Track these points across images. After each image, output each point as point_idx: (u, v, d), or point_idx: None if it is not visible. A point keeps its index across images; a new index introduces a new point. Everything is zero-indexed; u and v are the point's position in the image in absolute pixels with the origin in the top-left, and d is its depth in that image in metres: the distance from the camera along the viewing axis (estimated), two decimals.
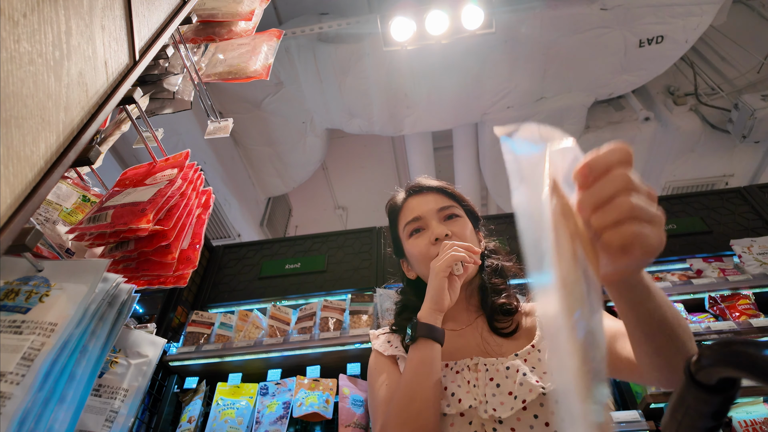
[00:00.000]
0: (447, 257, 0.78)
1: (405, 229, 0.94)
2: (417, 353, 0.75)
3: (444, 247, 0.82)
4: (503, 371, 0.76)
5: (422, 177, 1.01)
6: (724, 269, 1.99)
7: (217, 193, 3.83)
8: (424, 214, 0.92)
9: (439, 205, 0.92)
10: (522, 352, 0.79)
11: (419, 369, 0.73)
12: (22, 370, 0.46)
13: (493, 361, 0.78)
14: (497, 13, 2.93)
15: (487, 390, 0.74)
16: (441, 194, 0.95)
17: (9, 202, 0.46)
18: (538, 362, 0.77)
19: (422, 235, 0.90)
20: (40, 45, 0.50)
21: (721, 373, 0.34)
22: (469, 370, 0.79)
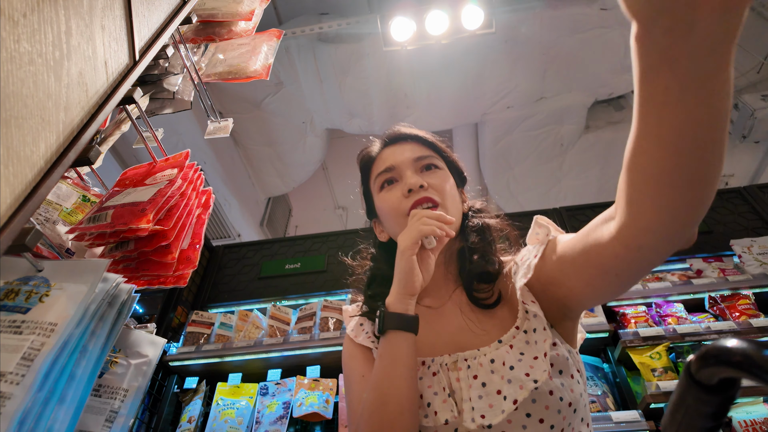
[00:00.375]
0: (413, 232, 0.67)
1: (376, 181, 0.82)
2: (387, 348, 0.66)
3: (411, 218, 0.70)
4: (487, 366, 0.65)
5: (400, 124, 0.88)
6: (724, 269, 1.99)
7: (217, 193, 3.83)
8: (397, 164, 0.80)
9: (416, 155, 0.81)
10: (506, 337, 0.68)
11: (390, 368, 0.64)
12: (22, 370, 0.46)
13: (475, 354, 0.67)
14: (497, 13, 2.93)
15: (472, 393, 0.64)
16: (420, 143, 0.83)
17: (9, 202, 0.46)
18: (525, 346, 0.65)
19: (394, 188, 0.79)
20: (40, 45, 0.50)
21: (721, 374, 0.34)
22: (448, 370, 0.68)
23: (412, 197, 0.75)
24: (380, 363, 0.66)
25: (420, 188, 0.75)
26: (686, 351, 1.72)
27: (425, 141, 0.84)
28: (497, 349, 0.67)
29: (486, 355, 0.67)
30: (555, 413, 0.61)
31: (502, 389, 0.62)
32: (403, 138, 0.85)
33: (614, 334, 1.83)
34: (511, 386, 0.62)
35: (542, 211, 2.41)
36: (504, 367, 0.64)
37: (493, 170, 4.15)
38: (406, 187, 0.76)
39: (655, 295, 1.93)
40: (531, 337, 0.66)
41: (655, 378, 1.67)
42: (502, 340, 0.68)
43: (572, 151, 4.00)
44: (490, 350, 0.67)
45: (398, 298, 0.69)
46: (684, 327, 1.77)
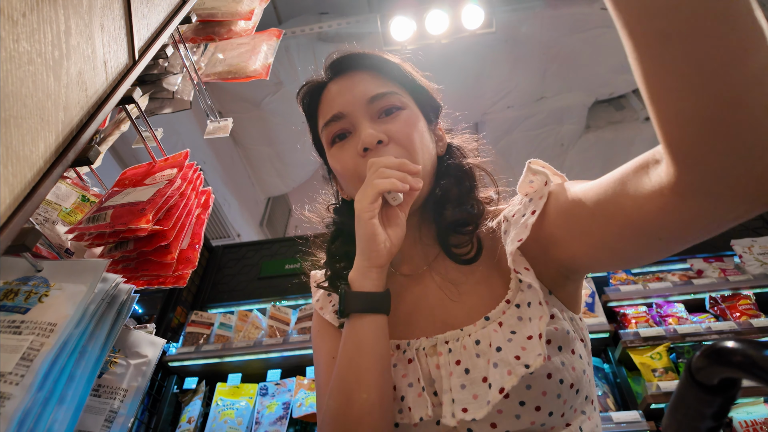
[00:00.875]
0: (369, 189, 0.54)
1: (323, 133, 0.66)
2: (351, 335, 0.55)
3: (369, 173, 0.56)
4: (472, 348, 0.55)
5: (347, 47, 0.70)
6: (724, 269, 1.99)
7: (217, 193, 3.83)
8: (347, 110, 0.63)
9: (370, 93, 0.63)
10: (495, 312, 0.56)
11: (356, 358, 0.53)
12: (21, 371, 0.46)
13: (458, 335, 0.56)
14: (497, 13, 2.93)
15: (453, 382, 0.54)
16: (375, 73, 0.66)
17: (8, 202, 0.46)
18: (518, 323, 0.54)
19: (347, 143, 0.63)
20: (40, 44, 0.50)
21: (721, 374, 0.34)
22: (426, 355, 0.58)
23: (369, 156, 0.60)
24: (343, 352, 0.55)
25: (378, 144, 0.60)
26: (687, 351, 1.72)
27: (380, 67, 0.66)
28: (483, 328, 0.56)
29: (471, 335, 0.56)
30: (554, 398, 0.52)
31: (489, 376, 0.52)
32: (349, 65, 0.67)
33: (615, 335, 1.83)
34: (497, 371, 0.52)
35: None
36: (491, 349, 0.54)
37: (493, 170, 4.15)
38: (361, 145, 0.60)
39: (655, 296, 1.93)
40: (524, 312, 0.55)
41: (656, 378, 1.67)
42: (490, 317, 0.56)
43: (573, 150, 4.00)
44: (475, 329, 0.56)
45: (362, 272, 0.56)
46: (684, 327, 1.77)
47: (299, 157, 4.11)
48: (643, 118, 3.87)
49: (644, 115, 3.86)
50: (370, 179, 0.55)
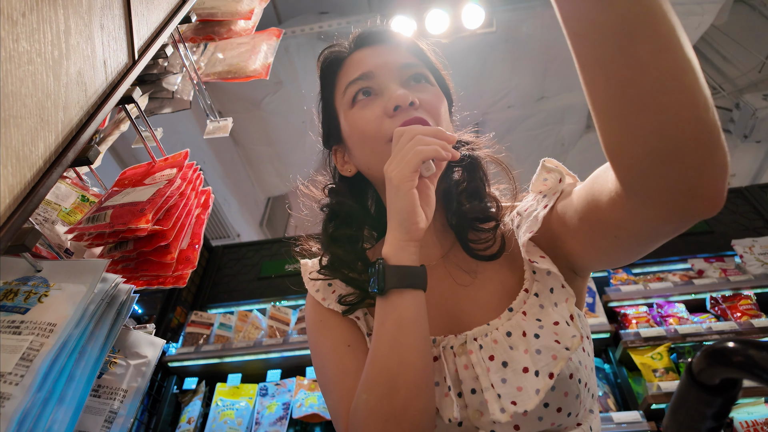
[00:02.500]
0: (411, 156, 0.50)
1: (346, 92, 0.62)
2: (392, 313, 0.50)
3: (402, 140, 0.52)
4: (504, 341, 0.53)
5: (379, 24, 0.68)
6: (725, 269, 1.99)
7: (217, 193, 3.83)
8: (377, 70, 0.60)
9: (404, 60, 0.62)
10: (516, 303, 0.55)
11: (398, 338, 0.49)
12: (21, 371, 0.46)
13: (486, 331, 0.54)
14: (498, 13, 2.93)
15: (493, 377, 0.51)
16: (406, 50, 0.65)
17: (8, 202, 0.46)
18: (540, 311, 0.54)
19: (372, 102, 0.60)
20: (39, 44, 0.50)
21: (722, 374, 0.34)
22: (455, 355, 0.55)
23: (398, 117, 0.57)
24: (382, 333, 0.50)
25: (410, 106, 0.57)
26: (687, 351, 1.72)
27: (409, 46, 0.65)
28: (510, 320, 0.54)
29: (499, 329, 0.54)
30: (573, 399, 0.51)
31: (530, 365, 0.50)
32: (380, 38, 0.64)
33: (615, 335, 1.83)
34: (541, 357, 0.50)
35: None
36: (526, 338, 0.52)
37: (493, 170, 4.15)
38: (392, 102, 0.57)
39: (656, 296, 1.93)
40: (545, 300, 0.55)
41: (657, 378, 1.67)
42: (513, 308, 0.55)
43: (573, 150, 4.00)
44: (501, 322, 0.54)
45: (400, 246, 0.52)
46: (685, 327, 1.76)
47: (299, 157, 4.11)
48: None
49: None
50: (411, 146, 0.51)
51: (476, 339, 0.55)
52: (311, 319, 0.65)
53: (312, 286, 0.68)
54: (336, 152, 0.69)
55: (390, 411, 0.47)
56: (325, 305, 0.64)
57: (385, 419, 0.47)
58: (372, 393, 0.49)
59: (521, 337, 0.52)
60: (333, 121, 0.68)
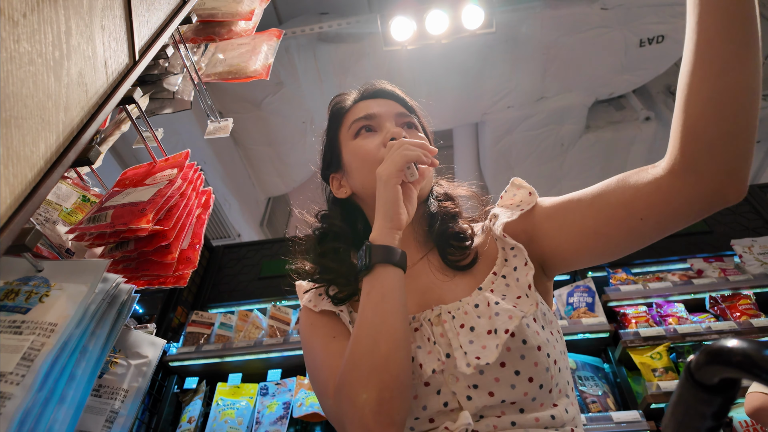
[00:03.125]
0: (397, 157, 0.62)
1: (351, 128, 0.77)
2: (376, 284, 0.59)
3: (392, 148, 0.65)
4: (473, 312, 0.62)
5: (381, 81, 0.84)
6: (724, 269, 1.99)
7: (217, 193, 3.83)
8: (380, 113, 0.76)
9: (399, 110, 0.78)
10: (485, 282, 0.66)
11: (381, 304, 0.58)
12: (22, 371, 0.46)
13: (458, 305, 0.64)
14: (497, 13, 2.93)
15: (462, 339, 0.60)
16: (400, 104, 0.81)
17: (9, 203, 0.46)
18: (506, 288, 0.64)
19: (373, 136, 0.74)
20: (40, 45, 0.50)
21: (721, 374, 0.34)
22: (431, 324, 0.64)
23: None
24: (368, 301, 0.59)
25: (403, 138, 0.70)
26: (687, 351, 1.72)
27: (406, 104, 0.81)
28: (479, 296, 0.64)
29: (469, 303, 0.64)
30: (543, 371, 0.58)
31: (492, 328, 0.59)
32: (383, 94, 0.81)
33: (615, 334, 1.83)
34: (499, 318, 0.59)
35: None
36: (489, 307, 0.61)
37: (493, 170, 4.15)
38: (389, 135, 0.71)
39: (655, 295, 1.93)
40: (511, 280, 0.64)
41: (656, 378, 1.67)
42: (482, 287, 0.65)
43: (573, 151, 4.00)
44: (471, 298, 0.64)
45: (384, 231, 0.62)
46: (685, 327, 1.77)
47: (299, 157, 4.11)
48: (643, 118, 3.87)
49: (644, 115, 3.86)
50: (398, 151, 0.63)
51: (450, 312, 0.64)
52: (304, 325, 0.73)
53: (305, 299, 0.76)
54: (332, 179, 0.81)
55: (372, 363, 0.54)
56: (315, 310, 0.72)
57: (368, 371, 0.54)
58: (357, 348, 0.56)
59: (486, 307, 0.61)
60: (335, 151, 0.81)
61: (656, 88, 3.93)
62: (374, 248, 0.61)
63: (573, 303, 1.95)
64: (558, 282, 2.16)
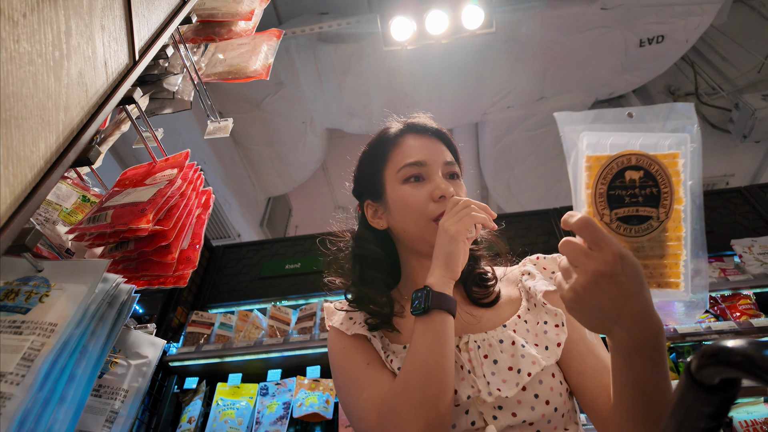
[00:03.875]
0: (467, 218, 0.69)
1: (401, 171, 0.79)
2: (431, 327, 0.65)
3: (458, 206, 0.71)
4: (497, 345, 0.70)
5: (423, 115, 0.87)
6: (724, 269, 1.99)
7: (217, 193, 3.83)
8: (429, 162, 0.79)
9: (447, 158, 0.81)
10: (510, 322, 0.74)
11: (435, 346, 0.64)
12: (22, 371, 0.46)
13: (483, 336, 0.72)
14: (497, 13, 2.93)
15: (485, 369, 0.68)
16: (445, 145, 0.84)
17: (9, 203, 0.46)
18: (527, 333, 0.72)
19: (423, 186, 0.78)
20: (40, 45, 0.50)
21: (721, 374, 0.34)
22: (460, 351, 0.71)
23: (440, 204, 0.76)
24: (423, 340, 0.65)
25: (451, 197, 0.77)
26: (687, 351, 1.72)
27: (449, 142, 0.85)
28: (503, 332, 0.72)
29: (494, 336, 0.72)
30: (557, 396, 0.67)
31: (514, 365, 0.67)
32: (429, 131, 0.84)
33: None
34: (524, 361, 0.67)
35: (542, 211, 2.41)
36: (514, 346, 0.69)
37: (493, 170, 4.15)
38: (439, 192, 0.76)
39: None
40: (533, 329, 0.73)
41: None
42: (507, 325, 0.73)
43: None
44: (496, 333, 0.72)
45: (444, 280, 0.68)
46: (684, 327, 1.77)
47: (299, 157, 4.11)
48: None
49: None
50: (467, 211, 0.70)
51: (476, 341, 0.72)
52: (336, 348, 0.78)
53: (335, 321, 0.81)
54: (368, 206, 0.85)
55: (423, 399, 0.60)
56: (348, 333, 0.77)
57: (418, 405, 0.60)
58: (409, 383, 0.62)
59: (510, 345, 0.70)
60: (377, 183, 0.83)
61: (656, 88, 3.94)
62: (434, 294, 0.67)
63: None
64: None
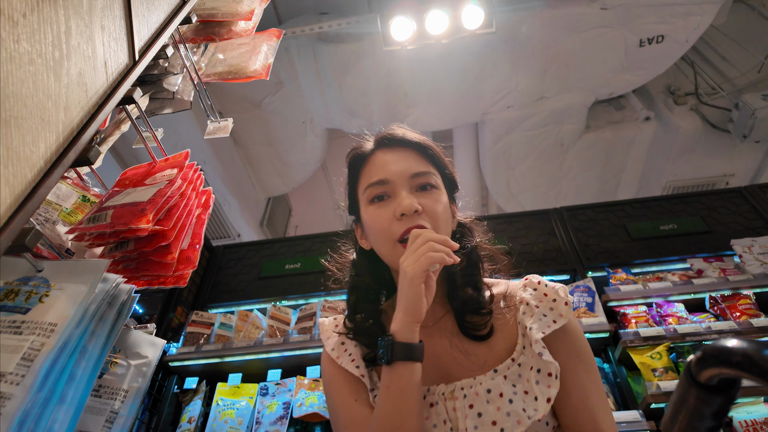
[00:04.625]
0: (423, 259, 0.64)
1: (366, 192, 0.76)
2: (395, 381, 0.64)
3: (416, 242, 0.66)
4: (483, 395, 0.67)
5: (398, 126, 0.81)
6: (724, 269, 1.99)
7: (217, 193, 3.83)
8: (392, 178, 0.74)
9: (414, 170, 0.75)
10: (502, 367, 0.69)
11: (399, 402, 0.63)
12: (22, 371, 0.46)
13: (471, 383, 0.69)
14: (497, 13, 2.93)
15: (468, 423, 0.66)
16: (419, 153, 0.77)
17: (9, 203, 0.46)
18: (518, 379, 0.68)
19: (386, 205, 0.73)
20: (40, 45, 0.50)
21: (721, 374, 0.34)
22: (445, 399, 0.69)
23: (404, 222, 0.71)
24: (387, 396, 0.64)
25: (414, 213, 0.71)
26: (687, 351, 1.72)
27: (425, 150, 0.78)
28: (493, 379, 0.69)
29: (482, 384, 0.68)
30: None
31: (498, 421, 0.64)
32: (401, 143, 0.78)
33: (615, 334, 1.83)
34: (508, 420, 0.64)
35: (542, 212, 2.41)
36: (502, 399, 0.66)
37: (493, 170, 4.15)
38: (400, 209, 0.71)
39: (655, 295, 1.93)
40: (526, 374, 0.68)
41: (656, 378, 1.67)
42: (498, 370, 0.69)
43: (572, 150, 4.00)
44: (485, 379, 0.69)
45: (406, 326, 0.65)
46: (685, 327, 1.77)
47: (299, 157, 4.11)
48: (643, 118, 3.87)
49: (644, 115, 3.86)
50: (424, 251, 0.64)
51: (463, 389, 0.69)
52: (327, 377, 0.78)
53: (328, 345, 0.79)
54: (357, 227, 0.83)
55: None
56: (338, 363, 0.76)
57: None
58: None
59: (498, 397, 0.67)
60: (354, 205, 0.82)
61: (656, 88, 3.94)
62: (396, 345, 0.64)
63: (573, 303, 1.95)
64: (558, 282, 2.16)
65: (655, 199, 2.40)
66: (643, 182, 4.34)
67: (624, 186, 4.38)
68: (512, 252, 2.18)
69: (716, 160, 4.02)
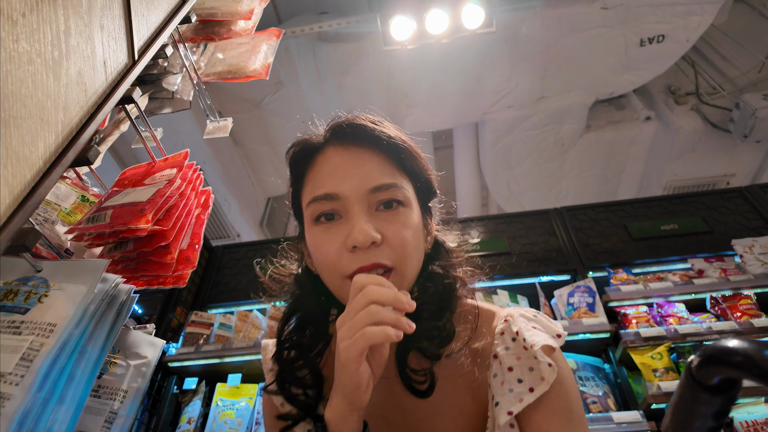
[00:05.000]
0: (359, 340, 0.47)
1: (309, 207, 0.58)
2: None
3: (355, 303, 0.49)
4: None
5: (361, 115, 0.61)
6: (725, 269, 1.99)
7: (217, 193, 3.83)
8: (345, 193, 0.56)
9: (375, 182, 0.56)
10: None
11: None
12: (21, 371, 0.46)
13: None
14: (498, 13, 2.93)
15: None
16: (384, 156, 0.58)
17: (8, 203, 0.46)
18: None
19: (335, 228, 0.56)
20: (39, 45, 0.50)
21: (722, 374, 0.34)
22: None
23: (357, 256, 0.54)
24: None
25: (372, 245, 0.54)
26: (687, 351, 1.72)
27: (394, 150, 0.59)
28: None
29: None
30: None
31: None
32: (361, 138, 0.58)
33: (615, 335, 1.83)
34: None
35: (542, 212, 2.41)
36: None
37: (494, 170, 4.15)
38: (351, 240, 0.53)
39: (656, 296, 1.93)
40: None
41: (657, 378, 1.67)
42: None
43: (573, 150, 4.00)
44: None
45: (342, 415, 0.51)
46: (685, 327, 1.76)
47: None
48: (643, 118, 3.87)
49: (644, 115, 3.86)
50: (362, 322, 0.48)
51: None
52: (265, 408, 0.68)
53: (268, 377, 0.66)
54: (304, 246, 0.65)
55: None
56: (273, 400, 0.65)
57: None
58: None
59: None
60: (300, 218, 0.64)
61: (656, 87, 3.94)
62: None
63: (573, 303, 1.95)
64: (559, 282, 2.16)
65: (655, 199, 2.40)
66: (644, 182, 4.34)
67: (624, 186, 4.38)
68: (512, 252, 2.18)
69: (717, 159, 4.02)
